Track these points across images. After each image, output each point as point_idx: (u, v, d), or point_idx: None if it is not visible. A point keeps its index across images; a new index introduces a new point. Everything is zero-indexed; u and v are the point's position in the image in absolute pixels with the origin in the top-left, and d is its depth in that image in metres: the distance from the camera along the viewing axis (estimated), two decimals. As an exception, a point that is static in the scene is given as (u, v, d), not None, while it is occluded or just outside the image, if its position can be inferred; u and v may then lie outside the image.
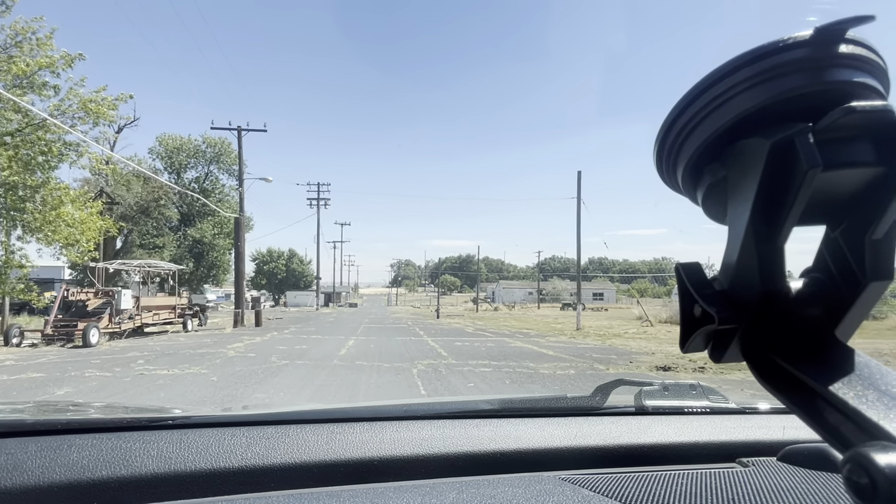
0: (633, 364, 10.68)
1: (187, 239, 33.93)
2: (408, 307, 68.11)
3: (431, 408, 1.13)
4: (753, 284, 0.33)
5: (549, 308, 64.83)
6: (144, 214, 28.33)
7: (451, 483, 0.80)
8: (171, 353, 11.97)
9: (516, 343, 15.65)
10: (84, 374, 8.61)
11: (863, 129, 0.31)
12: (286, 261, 70.83)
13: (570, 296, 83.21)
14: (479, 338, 17.58)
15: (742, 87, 0.32)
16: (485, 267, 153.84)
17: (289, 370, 9.13)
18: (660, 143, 0.37)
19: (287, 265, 70.61)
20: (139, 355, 11.37)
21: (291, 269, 70.68)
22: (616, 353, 12.98)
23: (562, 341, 16.51)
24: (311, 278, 73.72)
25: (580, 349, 13.76)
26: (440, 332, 20.02)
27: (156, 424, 0.98)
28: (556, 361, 10.80)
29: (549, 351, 13.16)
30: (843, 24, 0.31)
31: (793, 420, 1.05)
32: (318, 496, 0.75)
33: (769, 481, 0.80)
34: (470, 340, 16.33)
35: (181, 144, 35.62)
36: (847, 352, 0.34)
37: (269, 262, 69.95)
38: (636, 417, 1.09)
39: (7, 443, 0.84)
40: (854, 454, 0.26)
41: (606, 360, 11.12)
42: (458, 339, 16.91)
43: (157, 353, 11.97)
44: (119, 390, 7.33)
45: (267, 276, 69.75)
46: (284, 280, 70.09)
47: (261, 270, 70.10)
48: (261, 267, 70.13)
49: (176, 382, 7.85)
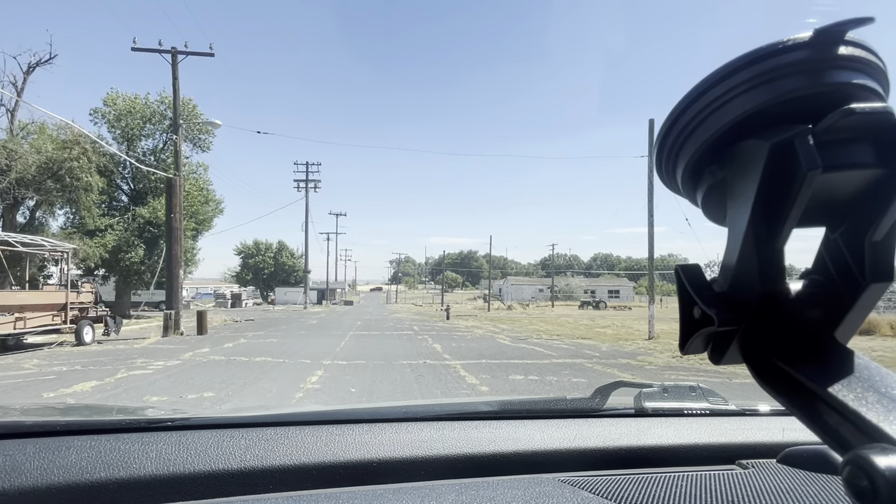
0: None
1: (136, 220, 26.98)
2: (408, 305, 61.28)
3: (431, 409, 1.12)
4: (753, 286, 0.33)
5: (564, 306, 58.23)
6: (54, 179, 20.98)
7: (451, 485, 0.80)
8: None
9: (626, 375, 8.92)
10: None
11: (862, 130, 0.31)
12: (274, 254, 63.76)
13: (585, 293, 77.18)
14: (539, 358, 10.81)
15: (742, 88, 0.32)
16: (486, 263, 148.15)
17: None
18: (659, 145, 0.37)
19: (276, 259, 63.56)
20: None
21: (280, 262, 63.48)
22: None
23: (711, 368, 9.80)
24: (302, 273, 66.99)
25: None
26: (465, 346, 13.28)
27: (154, 426, 0.97)
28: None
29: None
30: (842, 26, 0.31)
31: (792, 422, 1.01)
32: (318, 498, 0.75)
33: (769, 483, 0.80)
34: (532, 364, 9.64)
35: (133, 106, 28.58)
36: (847, 354, 0.34)
37: (255, 255, 62.95)
38: (636, 419, 1.08)
39: (5, 444, 0.84)
40: (854, 456, 0.26)
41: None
42: (507, 360, 10.22)
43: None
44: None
45: (253, 271, 62.77)
46: (273, 275, 63.13)
47: (246, 265, 63.14)
48: (246, 261, 63.15)
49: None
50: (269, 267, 62.82)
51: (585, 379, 8.18)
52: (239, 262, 63.95)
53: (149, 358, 10.39)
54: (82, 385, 7.37)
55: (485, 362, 10.03)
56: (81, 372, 8.58)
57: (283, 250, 64.77)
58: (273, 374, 8.30)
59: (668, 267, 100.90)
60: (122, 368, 8.94)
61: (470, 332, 18.96)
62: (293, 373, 8.45)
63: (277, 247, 64.61)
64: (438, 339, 15.56)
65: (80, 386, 7.32)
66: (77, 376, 8.12)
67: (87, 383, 7.51)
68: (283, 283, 61.93)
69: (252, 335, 16.21)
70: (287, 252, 64.77)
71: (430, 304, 63.95)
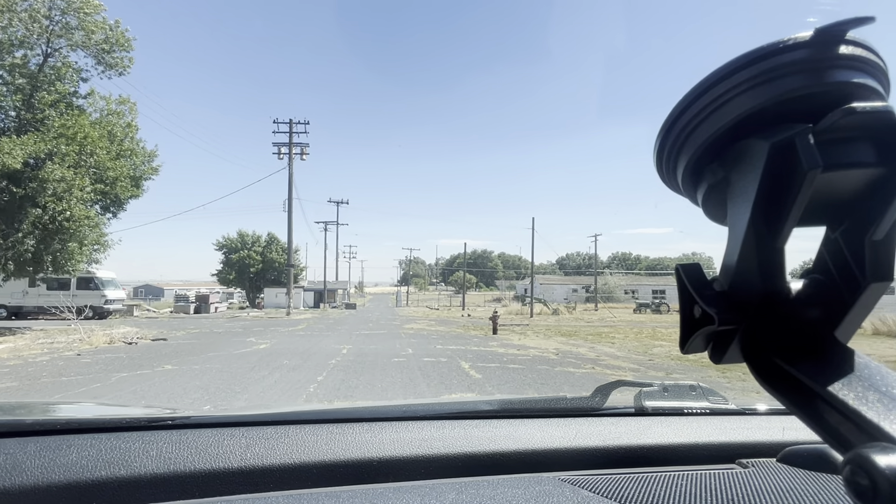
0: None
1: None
2: (423, 309, 50.59)
3: (431, 408, 1.11)
4: (753, 285, 0.33)
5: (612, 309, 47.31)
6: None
7: (451, 483, 0.80)
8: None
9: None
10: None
11: (863, 129, 0.31)
12: (263, 248, 53.23)
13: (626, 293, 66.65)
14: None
15: (742, 87, 0.32)
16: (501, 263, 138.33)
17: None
18: (660, 144, 0.37)
19: (264, 254, 53.04)
20: None
21: (270, 259, 52.81)
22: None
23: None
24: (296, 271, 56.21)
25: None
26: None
27: (155, 425, 0.96)
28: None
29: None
30: (843, 26, 0.31)
31: (792, 421, 1.04)
32: (318, 496, 0.75)
33: (769, 482, 0.80)
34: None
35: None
36: (847, 353, 0.33)
37: (239, 249, 52.44)
38: (636, 418, 1.08)
39: (6, 443, 0.84)
40: (854, 455, 0.26)
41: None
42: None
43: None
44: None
45: (237, 269, 52.22)
46: (261, 273, 52.64)
47: (229, 261, 52.63)
48: (228, 256, 52.65)
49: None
50: (256, 263, 52.25)
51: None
52: (221, 259, 53.40)
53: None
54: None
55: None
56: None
57: (274, 244, 54.03)
58: None
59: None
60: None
61: (592, 372, 8.30)
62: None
63: (267, 240, 54.02)
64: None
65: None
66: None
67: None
68: (274, 283, 51.29)
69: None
70: (278, 246, 53.94)
71: (447, 308, 53.28)
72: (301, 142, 32.68)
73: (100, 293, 26.83)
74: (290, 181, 31.62)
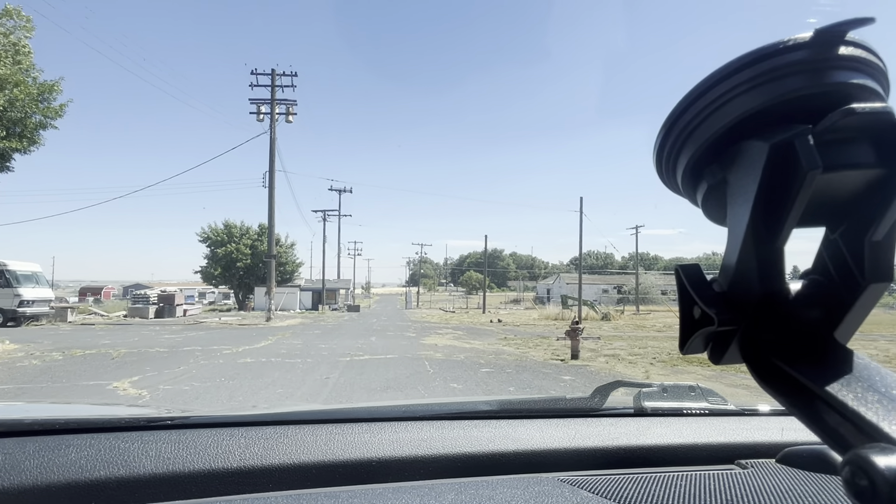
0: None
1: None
2: (436, 312, 43.38)
3: (430, 408, 1.11)
4: (753, 286, 0.33)
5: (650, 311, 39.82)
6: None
7: (450, 484, 0.80)
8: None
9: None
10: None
11: (863, 130, 0.31)
12: (253, 241, 46.18)
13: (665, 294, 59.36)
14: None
15: (742, 88, 0.32)
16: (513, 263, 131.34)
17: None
18: (659, 145, 0.37)
19: (254, 248, 45.98)
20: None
21: (260, 253, 45.68)
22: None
23: None
24: (291, 267, 49.04)
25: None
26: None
27: (154, 424, 0.96)
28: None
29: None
30: (843, 26, 0.31)
31: (792, 422, 1.04)
32: (317, 497, 0.75)
33: (768, 483, 0.80)
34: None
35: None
36: (846, 354, 0.34)
37: (225, 242, 45.33)
38: (635, 419, 1.08)
39: (5, 443, 0.83)
40: (853, 456, 0.26)
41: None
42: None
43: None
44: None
45: (224, 265, 45.13)
46: (251, 270, 45.58)
47: (214, 256, 45.56)
48: (214, 251, 45.54)
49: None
50: (244, 258, 45.11)
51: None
52: (205, 254, 46.34)
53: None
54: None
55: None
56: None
57: (265, 236, 46.90)
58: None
59: (712, 268, 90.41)
60: None
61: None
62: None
63: (258, 231, 46.93)
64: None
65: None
66: None
67: None
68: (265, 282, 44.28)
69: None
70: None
71: (464, 311, 46.00)
72: (287, 98, 25.51)
73: (11, 291, 19.95)
74: (272, 145, 24.59)
